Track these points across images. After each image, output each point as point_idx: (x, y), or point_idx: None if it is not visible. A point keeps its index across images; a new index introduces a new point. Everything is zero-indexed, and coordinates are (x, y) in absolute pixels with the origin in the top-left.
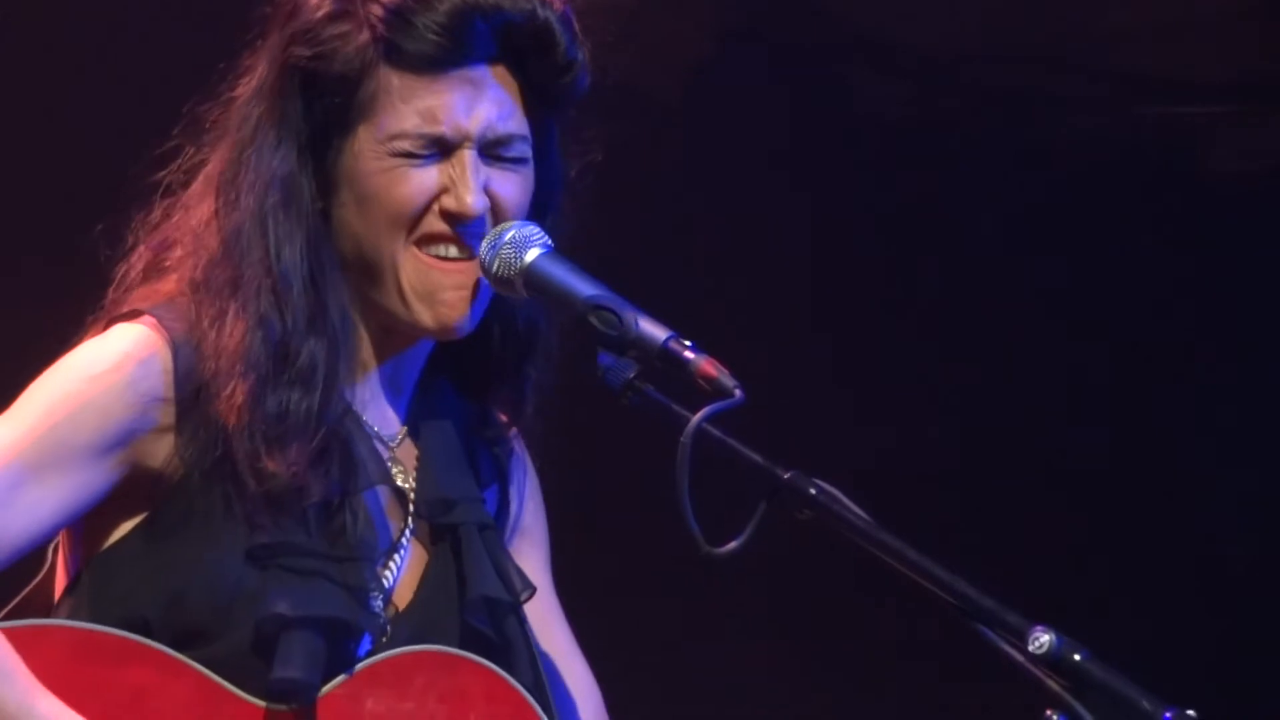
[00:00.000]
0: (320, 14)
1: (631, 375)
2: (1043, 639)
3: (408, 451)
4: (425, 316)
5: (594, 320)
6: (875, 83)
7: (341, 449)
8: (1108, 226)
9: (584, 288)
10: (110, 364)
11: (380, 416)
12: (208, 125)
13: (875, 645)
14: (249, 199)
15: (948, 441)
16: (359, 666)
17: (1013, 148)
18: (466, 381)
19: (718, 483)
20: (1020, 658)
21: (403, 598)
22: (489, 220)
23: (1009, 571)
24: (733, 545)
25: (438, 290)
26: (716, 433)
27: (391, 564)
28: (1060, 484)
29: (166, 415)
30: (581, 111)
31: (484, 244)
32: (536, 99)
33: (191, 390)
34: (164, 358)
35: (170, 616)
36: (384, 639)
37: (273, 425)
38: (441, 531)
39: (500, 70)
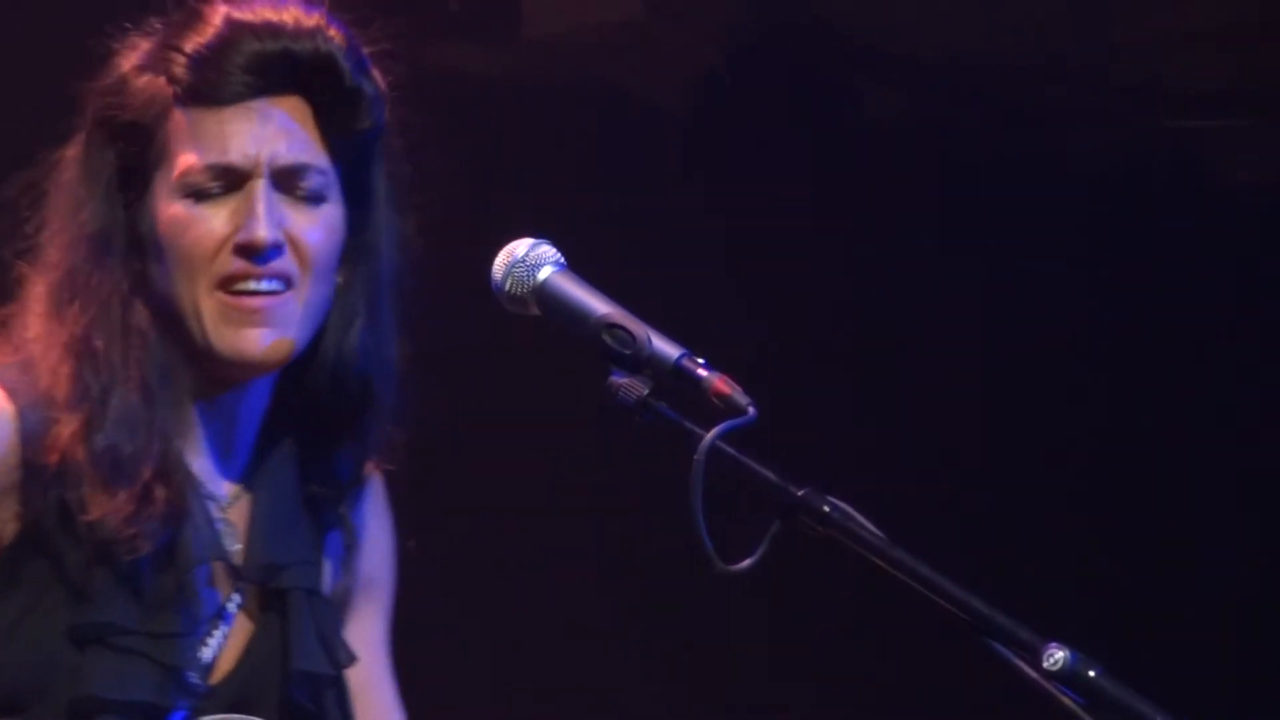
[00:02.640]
0: (127, 67)
1: (645, 393)
2: (1056, 655)
3: (240, 512)
4: (221, 345)
5: (607, 338)
6: (883, 94)
7: (173, 499)
8: (1117, 238)
9: (597, 306)
10: None
11: (212, 476)
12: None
13: (887, 663)
14: (63, 256)
15: (952, 455)
16: None
17: (1022, 160)
18: (308, 437)
19: (730, 499)
20: (1034, 674)
21: (223, 668)
22: (292, 258)
23: (1022, 587)
24: (747, 563)
25: (241, 323)
26: (730, 450)
27: (215, 632)
28: (1074, 499)
29: (8, 478)
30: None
31: (496, 262)
32: (333, 134)
33: (35, 452)
34: (9, 422)
35: None
36: (200, 707)
37: (100, 464)
38: (270, 597)
39: (292, 103)
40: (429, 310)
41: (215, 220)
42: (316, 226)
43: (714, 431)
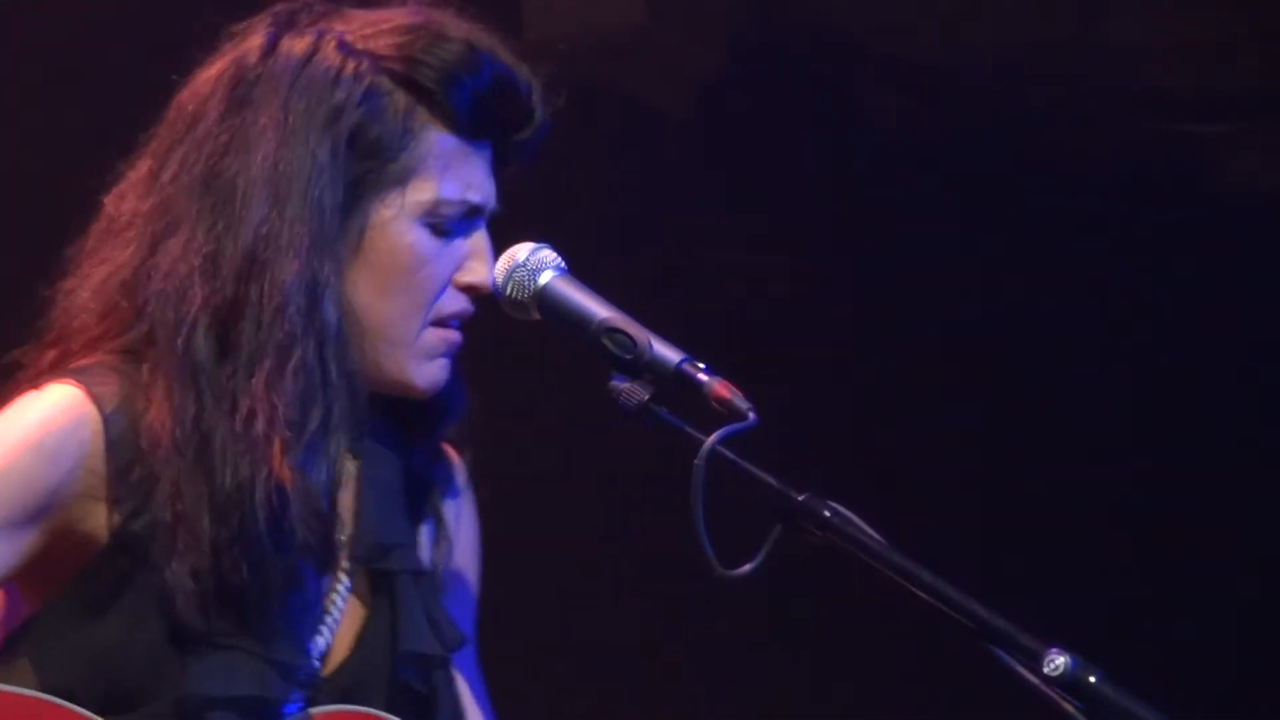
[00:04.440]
0: (363, 80)
1: (646, 398)
2: (1057, 661)
3: (346, 495)
4: (422, 379)
5: (608, 343)
6: (885, 99)
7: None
8: (1117, 242)
9: (598, 310)
10: (35, 431)
11: None
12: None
13: (887, 667)
14: (295, 267)
15: (951, 462)
16: None
17: (1023, 162)
18: (404, 419)
19: (729, 503)
20: (1034, 679)
21: (338, 653)
22: None
23: (1023, 592)
24: (747, 568)
25: (439, 355)
26: (730, 455)
27: (328, 619)
28: (1075, 503)
29: (94, 484)
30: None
31: (497, 266)
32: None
33: (124, 461)
34: (93, 426)
35: (91, 688)
36: (315, 697)
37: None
38: (377, 579)
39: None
40: None
41: (448, 256)
42: None
43: (714, 436)
